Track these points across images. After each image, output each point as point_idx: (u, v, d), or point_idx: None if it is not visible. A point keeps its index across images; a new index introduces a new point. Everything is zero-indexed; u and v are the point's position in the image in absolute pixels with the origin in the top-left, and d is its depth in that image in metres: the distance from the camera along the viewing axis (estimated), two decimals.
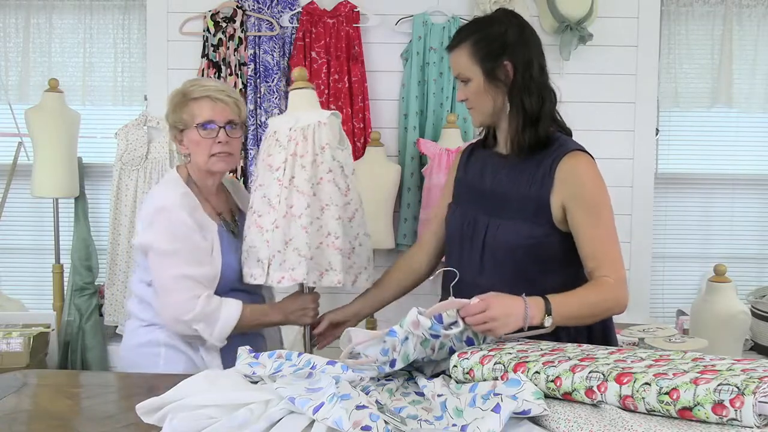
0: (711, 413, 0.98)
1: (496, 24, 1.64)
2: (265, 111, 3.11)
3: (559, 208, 1.59)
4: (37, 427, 1.28)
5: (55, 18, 3.33)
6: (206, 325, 1.72)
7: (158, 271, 1.75)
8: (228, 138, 1.83)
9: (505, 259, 1.62)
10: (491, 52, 1.61)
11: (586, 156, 1.62)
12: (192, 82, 1.90)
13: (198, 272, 1.73)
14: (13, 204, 3.36)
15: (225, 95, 1.85)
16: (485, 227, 1.66)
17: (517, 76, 1.62)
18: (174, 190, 1.80)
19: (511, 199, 1.63)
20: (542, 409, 1.11)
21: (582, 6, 3.02)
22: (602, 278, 1.54)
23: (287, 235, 1.77)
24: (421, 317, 1.30)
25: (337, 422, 1.06)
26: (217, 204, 1.92)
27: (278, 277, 1.78)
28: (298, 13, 3.14)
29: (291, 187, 1.78)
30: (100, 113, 3.42)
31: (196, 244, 1.75)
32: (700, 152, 3.44)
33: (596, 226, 1.57)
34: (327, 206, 1.81)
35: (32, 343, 2.85)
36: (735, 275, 2.97)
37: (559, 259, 1.62)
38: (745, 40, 3.28)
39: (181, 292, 1.72)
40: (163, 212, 1.76)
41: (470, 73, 1.64)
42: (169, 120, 1.87)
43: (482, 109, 1.67)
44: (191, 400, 1.20)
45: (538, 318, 1.41)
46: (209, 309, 1.72)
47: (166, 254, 1.73)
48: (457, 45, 1.66)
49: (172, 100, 1.86)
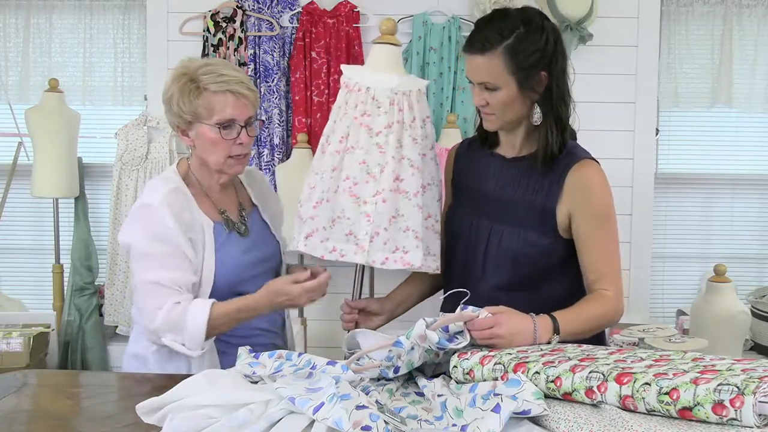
0: (711, 413, 0.98)
1: (532, 31, 1.51)
2: (265, 111, 3.11)
3: (565, 216, 1.57)
4: (37, 427, 1.28)
5: (55, 18, 3.33)
6: (174, 335, 1.58)
7: (134, 273, 1.66)
8: (248, 138, 1.68)
9: (507, 267, 1.60)
10: (530, 65, 1.51)
11: (595, 165, 1.59)
12: (204, 66, 1.66)
13: (171, 277, 1.59)
14: (13, 204, 3.36)
15: (246, 88, 1.65)
16: (488, 233, 1.63)
17: (552, 86, 1.54)
18: (163, 187, 1.67)
19: (516, 205, 1.60)
20: (542, 409, 1.11)
21: (582, 6, 3.02)
22: (602, 291, 1.54)
23: (394, 212, 1.58)
24: (428, 331, 1.29)
25: (337, 422, 1.06)
26: (219, 200, 1.76)
27: (382, 257, 1.59)
28: (298, 13, 3.14)
29: (400, 158, 1.59)
30: (100, 113, 3.42)
31: (175, 246, 1.61)
32: (700, 152, 3.44)
33: (600, 238, 1.56)
34: (429, 185, 1.66)
35: (32, 343, 2.85)
36: (735, 275, 2.97)
37: (560, 265, 1.61)
38: (745, 40, 3.28)
39: (149, 299, 1.60)
40: (144, 210, 1.64)
41: (501, 83, 1.52)
42: (174, 107, 1.65)
43: (505, 117, 1.57)
44: (191, 400, 1.20)
45: (545, 338, 1.40)
46: (173, 317, 1.57)
47: (141, 256, 1.63)
48: (486, 51, 1.51)
49: (179, 84, 1.64)
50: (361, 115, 1.62)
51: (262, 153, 3.13)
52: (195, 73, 1.64)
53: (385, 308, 1.79)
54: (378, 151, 1.60)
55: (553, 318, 1.43)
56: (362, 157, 1.60)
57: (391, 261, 1.60)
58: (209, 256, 1.67)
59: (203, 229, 1.68)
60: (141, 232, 1.63)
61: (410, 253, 1.60)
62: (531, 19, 1.53)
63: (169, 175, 1.74)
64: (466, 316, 1.34)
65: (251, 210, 1.84)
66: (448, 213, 1.76)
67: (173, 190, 1.66)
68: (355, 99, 1.64)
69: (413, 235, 1.60)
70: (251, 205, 1.86)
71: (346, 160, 1.61)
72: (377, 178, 1.59)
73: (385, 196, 1.58)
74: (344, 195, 1.60)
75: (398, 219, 1.59)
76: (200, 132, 1.65)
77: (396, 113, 1.61)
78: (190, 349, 1.59)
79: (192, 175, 1.75)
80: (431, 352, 1.35)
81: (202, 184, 1.74)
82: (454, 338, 1.34)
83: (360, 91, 1.64)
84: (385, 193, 1.58)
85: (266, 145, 3.13)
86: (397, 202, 1.59)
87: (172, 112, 1.67)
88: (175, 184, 1.69)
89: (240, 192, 1.85)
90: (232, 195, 1.82)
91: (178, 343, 1.59)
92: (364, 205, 1.59)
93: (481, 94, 1.56)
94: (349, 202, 1.60)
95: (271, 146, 3.13)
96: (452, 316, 1.34)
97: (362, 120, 1.61)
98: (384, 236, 1.59)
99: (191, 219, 1.67)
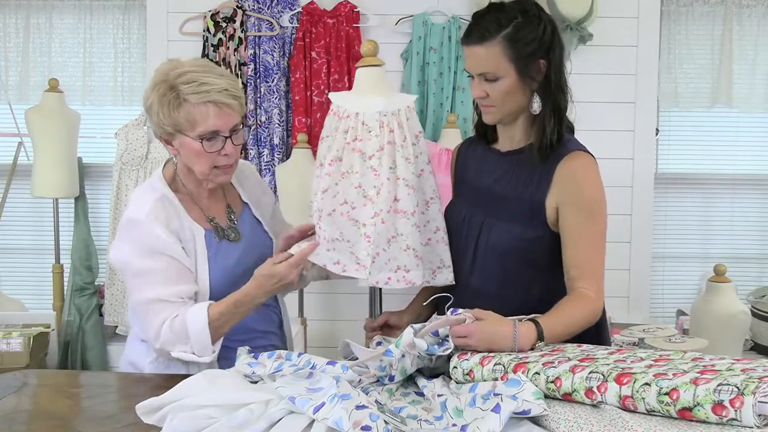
0: (711, 413, 0.98)
1: (530, 20, 1.53)
2: (265, 111, 3.11)
3: (553, 209, 1.56)
4: (37, 427, 1.28)
5: (55, 18, 3.33)
6: (182, 346, 1.55)
7: (132, 292, 1.60)
8: (233, 148, 1.60)
9: (495, 261, 1.60)
10: (530, 53, 1.52)
11: (587, 157, 1.57)
12: (184, 74, 1.55)
13: (172, 291, 1.56)
14: (13, 204, 3.36)
15: (229, 96, 1.56)
16: (479, 227, 1.63)
17: (550, 75, 1.55)
18: (148, 197, 1.60)
19: (509, 199, 1.61)
20: (542, 409, 1.11)
21: (582, 6, 3.02)
22: (583, 291, 1.51)
23: (393, 232, 1.60)
24: (416, 339, 1.29)
25: (337, 422, 1.06)
26: (208, 207, 1.70)
27: (385, 278, 1.61)
28: (298, 13, 3.14)
29: (394, 179, 1.61)
30: (100, 113, 3.43)
31: (171, 258, 1.57)
32: (700, 152, 3.44)
33: (586, 233, 1.53)
34: (432, 199, 1.68)
35: (32, 343, 2.85)
36: (735, 275, 2.97)
37: (551, 259, 1.59)
38: (745, 40, 3.28)
39: (151, 317, 1.56)
40: (133, 225, 1.58)
41: (501, 72, 1.52)
42: (154, 117, 1.58)
43: (505, 108, 1.58)
44: (191, 400, 1.20)
45: (527, 345, 1.37)
46: (175, 328, 1.54)
47: (137, 274, 1.57)
48: (485, 40, 1.52)
49: (158, 94, 1.56)
50: (353, 140, 1.63)
51: (262, 153, 3.13)
52: (174, 82, 1.54)
53: (404, 320, 1.79)
54: (373, 174, 1.61)
55: (537, 323, 1.41)
56: (358, 180, 1.62)
57: (393, 281, 1.62)
58: (202, 265, 1.63)
59: (194, 238, 1.63)
60: (133, 250, 1.57)
61: (412, 272, 1.62)
62: (528, 9, 1.55)
63: (154, 182, 1.66)
64: (452, 320, 1.35)
65: (241, 211, 1.78)
66: (447, 208, 1.77)
67: (159, 200, 1.61)
68: (345, 125, 1.65)
69: (413, 253, 1.62)
70: (241, 204, 1.80)
71: (341, 185, 1.62)
72: (374, 200, 1.60)
73: (384, 217, 1.59)
74: (343, 219, 1.61)
75: (398, 238, 1.61)
76: (183, 143, 1.58)
77: (387, 134, 1.62)
78: (201, 355, 1.56)
79: (179, 181, 1.68)
80: (424, 358, 1.36)
81: (189, 190, 1.68)
82: (444, 341, 1.35)
83: (349, 117, 1.65)
84: (383, 214, 1.59)
85: (266, 145, 3.13)
86: (395, 222, 1.61)
87: (153, 121, 1.60)
88: (161, 193, 1.63)
89: (229, 192, 1.78)
90: (220, 198, 1.75)
91: (188, 353, 1.56)
92: (363, 227, 1.60)
93: (481, 86, 1.56)
94: (348, 225, 1.61)
95: (271, 146, 3.13)
96: (440, 322, 1.35)
97: (354, 145, 1.63)
98: (384, 256, 1.60)
99: (180, 227, 1.62)
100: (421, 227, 1.65)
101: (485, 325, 1.35)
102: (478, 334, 1.34)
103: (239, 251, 1.71)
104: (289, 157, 3.10)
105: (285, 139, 3.16)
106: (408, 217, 1.61)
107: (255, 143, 3.12)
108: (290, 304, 2.06)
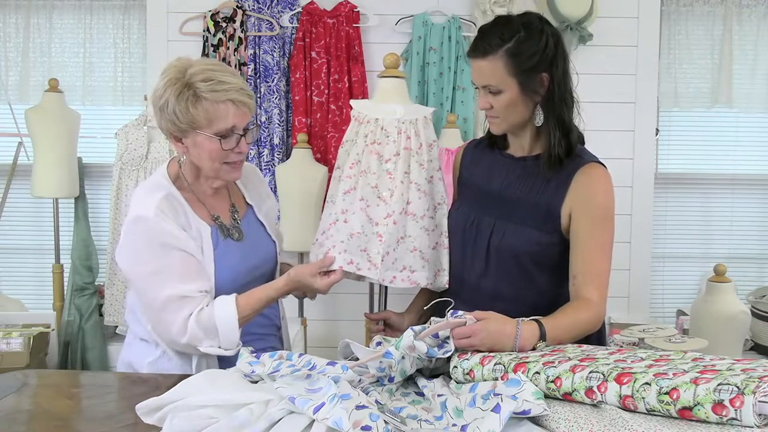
0: (711, 413, 0.98)
1: (532, 34, 1.55)
2: (265, 111, 3.11)
3: (567, 216, 1.59)
4: (37, 427, 1.28)
5: (55, 18, 3.33)
6: (210, 341, 1.56)
7: (146, 291, 1.57)
8: (247, 145, 1.61)
9: (510, 263, 1.62)
10: (531, 67, 1.54)
11: (603, 169, 1.61)
12: (201, 72, 1.54)
13: (189, 288, 1.54)
14: (13, 204, 3.37)
15: (245, 95, 1.57)
16: (490, 229, 1.65)
17: (553, 89, 1.57)
18: (154, 195, 1.58)
19: (522, 204, 1.62)
20: (542, 409, 1.11)
21: (582, 6, 3.03)
22: (587, 298, 1.53)
23: (402, 233, 1.69)
24: (416, 342, 1.30)
25: (337, 422, 1.06)
26: (213, 205, 1.69)
27: (390, 276, 1.69)
28: (298, 13, 3.14)
29: (408, 183, 1.70)
30: (100, 113, 3.43)
31: (184, 251, 1.56)
32: (700, 152, 3.44)
33: (594, 240, 1.56)
34: (439, 204, 1.76)
35: (32, 343, 2.86)
36: (735, 275, 2.98)
37: (562, 264, 1.62)
38: (745, 40, 3.29)
39: (172, 314, 1.54)
40: (141, 223, 1.55)
41: (503, 85, 1.56)
42: (169, 114, 1.55)
43: (510, 119, 1.61)
44: (191, 400, 1.20)
45: (529, 345, 1.39)
46: (203, 324, 1.54)
47: (152, 272, 1.54)
48: (488, 54, 1.56)
49: (174, 90, 1.53)
50: (372, 143, 1.73)
51: (262, 153, 3.13)
52: (192, 80, 1.53)
53: (404, 322, 1.83)
54: (388, 177, 1.71)
55: (540, 324, 1.42)
56: (375, 181, 1.71)
57: (399, 279, 1.70)
58: (209, 262, 1.62)
59: (201, 235, 1.62)
60: (145, 248, 1.55)
61: (417, 273, 1.71)
62: (531, 23, 1.57)
63: (158, 180, 1.64)
64: (453, 323, 1.35)
65: (245, 211, 1.78)
66: (450, 210, 1.79)
67: (165, 197, 1.59)
68: (365, 130, 1.76)
69: (420, 255, 1.70)
70: (245, 205, 1.79)
71: (360, 182, 1.71)
72: (387, 201, 1.70)
73: (396, 219, 1.68)
74: (360, 213, 1.69)
75: (406, 240, 1.70)
76: (196, 140, 1.57)
77: (404, 141, 1.72)
78: (227, 349, 1.58)
79: (184, 179, 1.66)
80: (423, 360, 1.36)
81: (194, 188, 1.67)
82: (444, 344, 1.35)
83: (369, 122, 1.76)
84: (395, 215, 1.68)
85: (266, 145, 3.13)
86: (405, 223, 1.70)
87: (166, 118, 1.57)
88: (167, 190, 1.61)
89: (233, 193, 1.78)
90: (224, 197, 1.75)
91: (215, 347, 1.57)
92: (376, 226, 1.69)
93: (486, 98, 1.60)
94: (365, 221, 1.69)
95: (271, 146, 3.13)
96: (440, 324, 1.35)
97: (373, 147, 1.73)
98: (393, 256, 1.68)
99: (187, 224, 1.61)
100: (429, 231, 1.73)
101: (488, 324, 1.37)
102: (482, 332, 1.35)
103: (243, 251, 1.71)
104: (289, 157, 3.10)
105: (285, 139, 3.16)
106: (417, 220, 1.70)
107: (255, 143, 3.12)
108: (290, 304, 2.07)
